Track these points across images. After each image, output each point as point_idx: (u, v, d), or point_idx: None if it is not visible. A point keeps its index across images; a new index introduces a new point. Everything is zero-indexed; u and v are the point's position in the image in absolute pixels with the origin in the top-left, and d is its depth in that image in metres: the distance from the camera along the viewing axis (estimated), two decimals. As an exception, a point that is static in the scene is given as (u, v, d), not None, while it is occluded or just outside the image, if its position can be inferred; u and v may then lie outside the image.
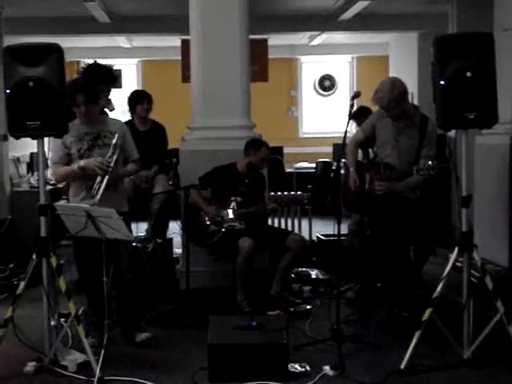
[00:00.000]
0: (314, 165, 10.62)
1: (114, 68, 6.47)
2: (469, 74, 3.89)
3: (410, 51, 10.16)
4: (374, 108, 5.06)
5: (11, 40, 4.61)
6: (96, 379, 3.83)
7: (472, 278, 4.22)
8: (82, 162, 4.32)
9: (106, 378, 3.88)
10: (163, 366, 4.14)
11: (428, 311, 3.97)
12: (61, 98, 3.98)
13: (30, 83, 3.91)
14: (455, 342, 4.06)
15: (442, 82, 3.93)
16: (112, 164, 4.30)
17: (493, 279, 4.03)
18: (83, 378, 3.94)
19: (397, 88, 4.69)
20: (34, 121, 3.93)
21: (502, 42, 5.59)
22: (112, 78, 6.20)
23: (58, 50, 3.97)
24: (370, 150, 5.19)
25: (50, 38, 4.63)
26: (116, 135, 4.36)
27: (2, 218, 6.76)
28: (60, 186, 7.37)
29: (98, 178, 4.29)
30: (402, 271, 4.80)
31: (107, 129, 4.45)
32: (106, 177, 4.27)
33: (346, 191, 4.99)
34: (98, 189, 4.27)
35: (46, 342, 4.13)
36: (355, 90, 5.16)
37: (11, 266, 6.15)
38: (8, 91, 3.94)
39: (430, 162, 4.38)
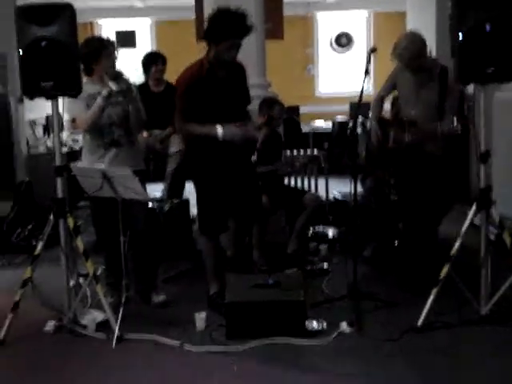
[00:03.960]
0: (330, 124, 10.54)
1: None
2: (488, 26, 3.80)
3: (428, 6, 9.94)
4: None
5: (25, 0, 4.57)
6: (115, 338, 3.89)
7: (490, 235, 4.20)
8: (101, 96, 4.29)
9: (124, 336, 3.94)
10: (181, 324, 4.17)
11: (445, 268, 3.96)
12: (74, 58, 3.95)
13: (43, 43, 3.88)
14: (473, 298, 4.05)
15: (461, 36, 3.85)
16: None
17: (511, 235, 4.00)
18: (102, 336, 4.00)
19: (417, 42, 4.62)
20: (48, 81, 3.90)
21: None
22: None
23: (70, 9, 3.92)
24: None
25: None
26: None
27: (19, 181, 6.80)
28: (76, 147, 7.39)
29: None
30: (425, 229, 4.79)
31: (118, 87, 4.41)
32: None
33: (370, 147, 4.95)
34: None
35: (65, 302, 4.18)
36: (372, 46, 5.08)
37: (29, 227, 6.21)
38: (21, 52, 3.91)
39: (454, 125, 4.35)
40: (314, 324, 4.02)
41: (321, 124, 11.00)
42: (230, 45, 4.15)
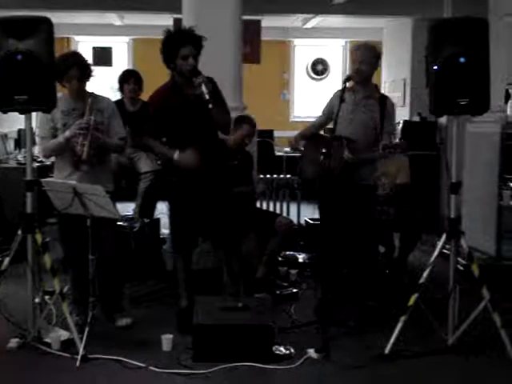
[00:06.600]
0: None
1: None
2: (462, 59, 3.87)
3: (404, 37, 10.12)
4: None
5: (1, 14, 4.53)
6: (79, 357, 3.83)
7: (458, 266, 4.23)
8: (67, 133, 4.26)
9: (89, 355, 3.87)
10: (148, 345, 4.12)
11: (413, 297, 3.98)
12: (49, 72, 3.91)
13: (19, 56, 3.84)
14: (440, 328, 4.07)
15: (435, 68, 3.91)
16: (91, 122, 4.24)
17: (479, 267, 4.03)
18: (67, 355, 3.93)
19: (374, 50, 4.74)
20: (22, 95, 3.87)
21: (496, 29, 5.58)
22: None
23: (47, 23, 3.90)
24: None
25: (40, 13, 4.52)
26: (90, 99, 4.30)
27: (-12, 195, 6.71)
28: (48, 162, 7.31)
29: (80, 138, 4.22)
30: (363, 260, 4.73)
31: (95, 105, 4.39)
32: (89, 136, 4.21)
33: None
34: (83, 147, 4.23)
35: (30, 319, 4.11)
36: (347, 74, 5.09)
37: (-3, 242, 6.11)
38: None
39: (396, 141, 4.40)
40: (282, 349, 4.00)
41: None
42: (181, 56, 4.36)
